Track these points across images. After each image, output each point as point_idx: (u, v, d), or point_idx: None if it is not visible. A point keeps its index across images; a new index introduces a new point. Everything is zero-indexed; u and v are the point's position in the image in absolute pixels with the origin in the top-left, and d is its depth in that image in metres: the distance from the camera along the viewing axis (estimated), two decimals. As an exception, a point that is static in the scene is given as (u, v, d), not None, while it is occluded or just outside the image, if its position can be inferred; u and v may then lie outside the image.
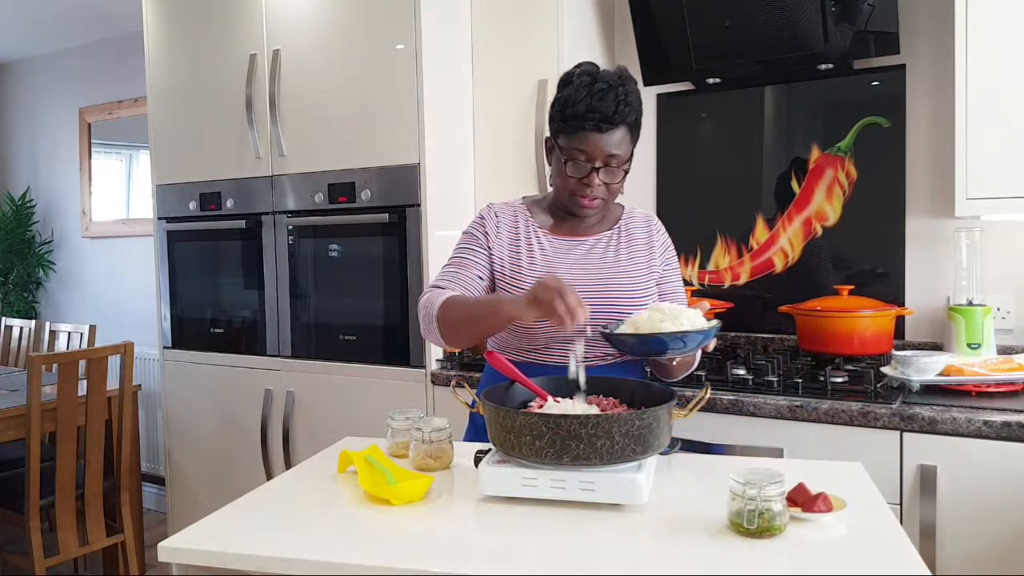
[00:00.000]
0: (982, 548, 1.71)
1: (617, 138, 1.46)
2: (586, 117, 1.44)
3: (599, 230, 1.61)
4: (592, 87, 1.45)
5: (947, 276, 2.28)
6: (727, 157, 2.59)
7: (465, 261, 1.59)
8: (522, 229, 1.60)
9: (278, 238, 2.71)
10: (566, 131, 1.48)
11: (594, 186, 1.49)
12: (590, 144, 1.46)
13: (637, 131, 1.51)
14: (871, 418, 1.78)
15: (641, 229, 1.63)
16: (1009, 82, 1.93)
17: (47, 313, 4.76)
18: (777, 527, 1.06)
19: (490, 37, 2.55)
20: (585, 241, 1.59)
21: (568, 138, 1.48)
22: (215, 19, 2.81)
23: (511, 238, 1.60)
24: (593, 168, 1.48)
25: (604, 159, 1.47)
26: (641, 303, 1.54)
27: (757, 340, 2.52)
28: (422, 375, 2.44)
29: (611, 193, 1.52)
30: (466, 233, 1.64)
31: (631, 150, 1.51)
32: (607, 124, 1.44)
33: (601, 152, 1.47)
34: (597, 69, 1.50)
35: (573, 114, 1.46)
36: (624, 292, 1.54)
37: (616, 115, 1.44)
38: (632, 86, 1.49)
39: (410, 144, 2.41)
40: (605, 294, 1.53)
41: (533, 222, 1.61)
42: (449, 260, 1.63)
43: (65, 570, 3.14)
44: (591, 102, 1.44)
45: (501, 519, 1.16)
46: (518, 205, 1.65)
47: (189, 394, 2.98)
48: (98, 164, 4.50)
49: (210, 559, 1.09)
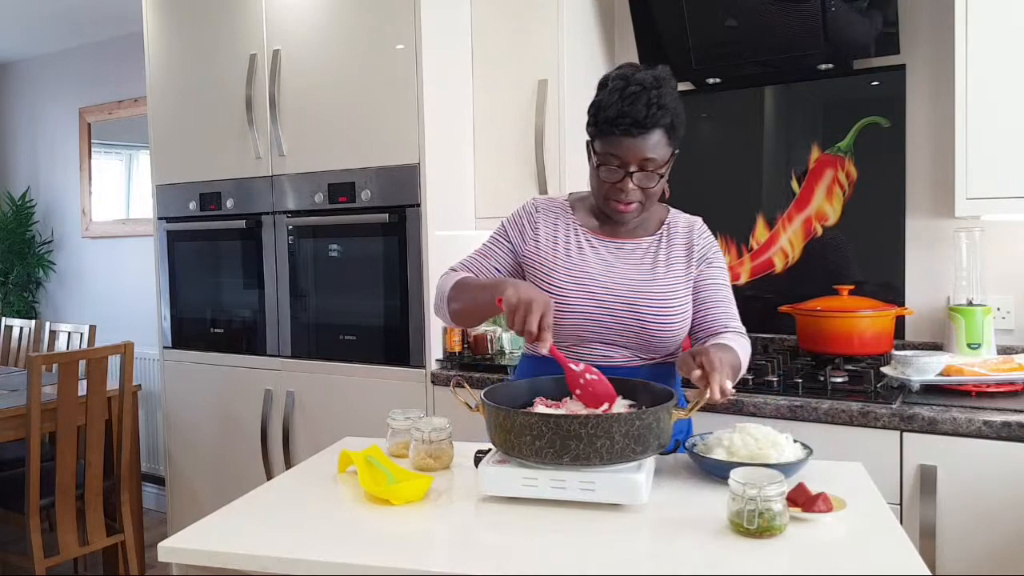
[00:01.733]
0: (982, 548, 1.71)
1: (652, 142, 1.43)
2: (617, 122, 1.42)
3: (641, 234, 1.58)
4: (624, 91, 1.42)
5: (947, 276, 2.28)
6: (727, 157, 2.59)
7: (490, 252, 1.62)
8: (562, 227, 1.59)
9: (278, 238, 2.71)
10: (599, 135, 1.47)
11: (628, 191, 1.46)
12: (623, 149, 1.44)
13: (675, 133, 1.47)
14: (871, 418, 1.78)
15: (683, 234, 1.60)
16: (1009, 82, 1.93)
17: (47, 313, 4.76)
18: (777, 527, 1.06)
19: (490, 37, 2.55)
20: (625, 245, 1.57)
21: (602, 142, 1.46)
22: (215, 19, 2.81)
23: (550, 235, 1.58)
24: (627, 173, 1.45)
25: (639, 163, 1.44)
26: (673, 315, 1.51)
27: (757, 340, 2.51)
28: (422, 375, 2.44)
29: (648, 197, 1.50)
30: (501, 225, 1.65)
31: (669, 152, 1.48)
32: (638, 128, 1.41)
33: (635, 156, 1.44)
34: (633, 71, 1.47)
35: (605, 118, 1.44)
36: (656, 303, 1.51)
37: (648, 119, 1.41)
38: (668, 88, 1.45)
39: (410, 144, 2.41)
40: (636, 302, 1.50)
41: (575, 220, 1.60)
42: (480, 247, 1.65)
43: (65, 570, 3.14)
44: (622, 106, 1.41)
45: (501, 519, 1.16)
46: (562, 203, 1.63)
47: (189, 394, 2.97)
48: (98, 164, 4.50)
49: (210, 559, 1.09)
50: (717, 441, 1.35)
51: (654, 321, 1.50)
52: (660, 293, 1.52)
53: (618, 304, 1.50)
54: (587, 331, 1.51)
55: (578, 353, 1.53)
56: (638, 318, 1.50)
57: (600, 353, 1.53)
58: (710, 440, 1.36)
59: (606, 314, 1.50)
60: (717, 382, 1.24)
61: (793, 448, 1.31)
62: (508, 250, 1.61)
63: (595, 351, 1.53)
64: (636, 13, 2.49)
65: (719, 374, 1.25)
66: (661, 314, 1.50)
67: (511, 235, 1.62)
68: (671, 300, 1.52)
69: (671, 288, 1.53)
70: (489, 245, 1.64)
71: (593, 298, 1.51)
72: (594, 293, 1.51)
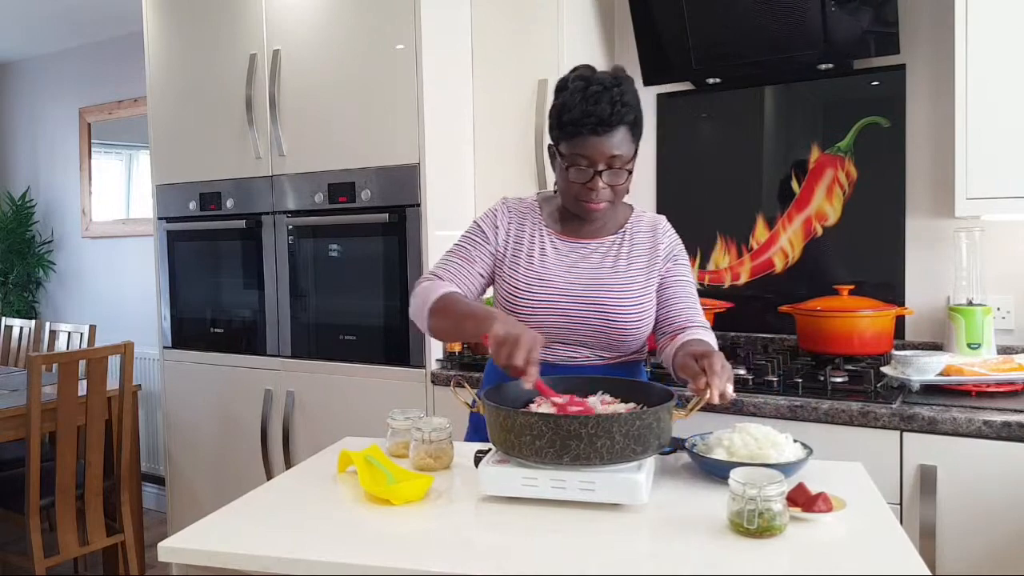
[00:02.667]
0: (982, 548, 1.71)
1: (617, 139, 1.45)
2: (583, 122, 1.43)
3: (604, 234, 1.60)
4: (586, 91, 1.43)
5: (947, 276, 2.28)
6: (727, 157, 2.59)
7: (470, 254, 1.60)
8: (529, 228, 1.61)
9: (278, 238, 2.71)
10: (565, 137, 1.48)
11: (598, 190, 1.48)
12: (590, 148, 1.45)
13: (638, 129, 1.50)
14: (871, 418, 1.78)
15: (646, 233, 1.62)
16: (1009, 82, 1.93)
17: (47, 313, 4.76)
18: (777, 527, 1.06)
19: (490, 37, 2.55)
20: (588, 245, 1.59)
21: (568, 144, 1.47)
22: (215, 19, 2.81)
23: (517, 235, 1.60)
24: (596, 172, 1.47)
25: (606, 161, 1.46)
26: (634, 312, 1.54)
27: (757, 340, 2.52)
28: (422, 375, 2.44)
29: (617, 194, 1.52)
30: (475, 224, 1.65)
31: (634, 149, 1.50)
32: (604, 127, 1.43)
33: (602, 155, 1.45)
34: (592, 72, 1.49)
35: (570, 120, 1.45)
36: (616, 301, 1.53)
37: (612, 117, 1.43)
38: (628, 85, 1.47)
39: (410, 144, 2.41)
40: (597, 301, 1.53)
41: (542, 220, 1.61)
42: (454, 248, 1.63)
43: (65, 570, 3.14)
44: (586, 107, 1.42)
45: (501, 519, 1.16)
46: (531, 203, 1.65)
47: (189, 394, 2.97)
48: (98, 164, 4.50)
49: (210, 559, 1.09)
50: (717, 441, 1.35)
51: (615, 318, 1.53)
52: (620, 292, 1.54)
53: (580, 304, 1.53)
54: (551, 332, 1.53)
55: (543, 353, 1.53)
56: (600, 316, 1.53)
57: (565, 353, 1.56)
58: (710, 440, 1.36)
59: (569, 314, 1.53)
60: (718, 387, 1.25)
61: (793, 448, 1.32)
62: (489, 253, 1.60)
63: (559, 351, 1.55)
64: (636, 13, 2.48)
65: (719, 378, 1.26)
66: (622, 311, 1.53)
67: (488, 235, 1.61)
68: (631, 297, 1.55)
69: (631, 286, 1.56)
70: (467, 247, 1.61)
71: (555, 299, 1.53)
72: (555, 294, 1.54)
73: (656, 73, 2.55)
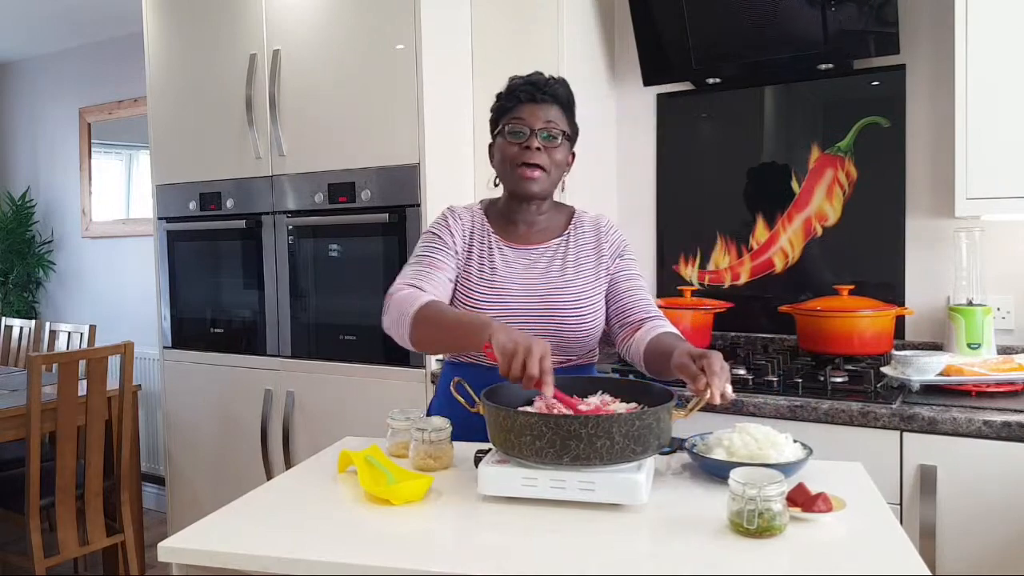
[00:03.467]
0: (982, 548, 1.71)
1: (554, 112, 1.55)
2: (522, 88, 1.56)
3: (548, 237, 1.63)
4: (527, 76, 1.59)
5: (947, 276, 2.28)
6: (727, 157, 2.59)
7: (436, 262, 1.58)
8: (477, 236, 1.63)
9: (278, 238, 2.71)
10: (504, 111, 1.58)
11: (533, 150, 1.53)
12: (526, 112, 1.55)
13: (571, 114, 1.60)
14: (871, 418, 1.78)
15: (590, 233, 1.65)
16: (1009, 82, 1.93)
17: (47, 313, 4.76)
18: (777, 527, 1.06)
19: (490, 37, 2.55)
20: (535, 250, 1.62)
21: (507, 116, 1.57)
22: (215, 19, 2.81)
23: (467, 244, 1.62)
24: (532, 131, 1.53)
25: (543, 124, 1.54)
26: (587, 313, 1.57)
27: (757, 340, 2.52)
28: (422, 375, 2.44)
29: (554, 164, 1.56)
30: (432, 232, 1.63)
31: (569, 129, 1.59)
32: (541, 94, 1.54)
33: (538, 119, 1.54)
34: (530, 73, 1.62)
35: (509, 92, 1.58)
36: (569, 304, 1.56)
37: (547, 86, 1.55)
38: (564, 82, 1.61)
39: (410, 144, 2.41)
40: (550, 306, 1.55)
41: (489, 227, 1.64)
42: (417, 257, 1.60)
43: (65, 570, 3.14)
44: (523, 81, 1.58)
45: (501, 519, 1.16)
46: (476, 210, 1.67)
47: (189, 394, 2.97)
48: (98, 164, 4.50)
49: (210, 559, 1.09)
50: (717, 441, 1.35)
51: (569, 321, 1.56)
52: (571, 294, 1.57)
53: (533, 309, 1.55)
54: None
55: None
56: (554, 321, 1.55)
57: None
58: (710, 440, 1.36)
59: (521, 318, 1.54)
60: (718, 387, 1.25)
61: (793, 448, 1.32)
62: (450, 258, 1.60)
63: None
64: (636, 13, 2.49)
65: (719, 379, 1.26)
66: (575, 314, 1.56)
67: (447, 240, 1.61)
68: (583, 299, 1.58)
69: (582, 288, 1.59)
70: (431, 256, 1.59)
71: (509, 307, 1.55)
72: (510, 302, 1.56)
73: (656, 73, 2.55)
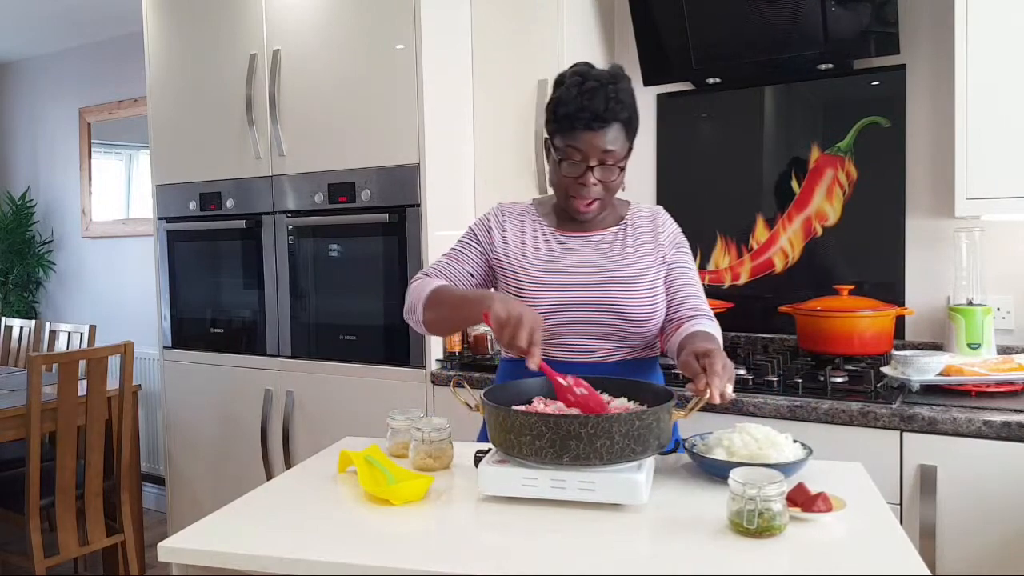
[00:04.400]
0: (982, 548, 1.71)
1: (611, 136, 1.46)
2: (577, 116, 1.44)
3: (605, 226, 1.61)
4: (582, 86, 1.45)
5: (947, 276, 2.28)
6: (727, 157, 2.59)
7: (460, 256, 1.62)
8: (528, 228, 1.61)
9: (278, 238, 2.71)
10: (560, 131, 1.49)
11: (589, 185, 1.48)
12: (583, 142, 1.46)
13: (633, 127, 1.50)
14: (871, 418, 1.78)
15: (647, 223, 1.62)
16: (1009, 82, 1.93)
17: (47, 313, 4.76)
18: (777, 527, 1.06)
19: (490, 37, 2.55)
20: (592, 237, 1.59)
21: (562, 138, 1.49)
22: (215, 19, 2.81)
23: (517, 236, 1.60)
24: (588, 167, 1.48)
25: (599, 157, 1.47)
26: (648, 297, 1.53)
27: (757, 340, 2.52)
28: (422, 375, 2.44)
29: (608, 191, 1.52)
30: (469, 229, 1.66)
31: (628, 147, 1.50)
32: (598, 122, 1.44)
33: (595, 150, 1.46)
34: (589, 68, 1.50)
35: (565, 113, 1.46)
36: (629, 288, 1.53)
37: (607, 112, 1.44)
38: (624, 84, 1.49)
39: (410, 144, 2.41)
40: (611, 289, 1.52)
41: (541, 220, 1.62)
42: (447, 252, 1.65)
43: (65, 570, 3.14)
44: (582, 101, 1.44)
45: (501, 519, 1.16)
46: (526, 206, 1.66)
47: (189, 394, 2.97)
48: (98, 164, 4.50)
49: (210, 559, 1.09)
50: (717, 441, 1.35)
51: (630, 305, 1.52)
52: (633, 277, 1.54)
53: (594, 293, 1.52)
54: (565, 326, 1.52)
55: (559, 349, 1.54)
56: (615, 304, 1.52)
57: (581, 348, 1.55)
58: (710, 440, 1.36)
59: (583, 305, 1.52)
60: (717, 387, 1.25)
61: (793, 448, 1.32)
62: (479, 252, 1.62)
63: (576, 346, 1.54)
64: (636, 13, 2.49)
65: (719, 379, 1.26)
66: (637, 297, 1.52)
67: (480, 237, 1.63)
68: (644, 283, 1.54)
69: (643, 272, 1.56)
70: (458, 249, 1.64)
71: (569, 291, 1.53)
72: (569, 285, 1.53)
73: (656, 73, 2.55)
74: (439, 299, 1.49)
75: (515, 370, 1.55)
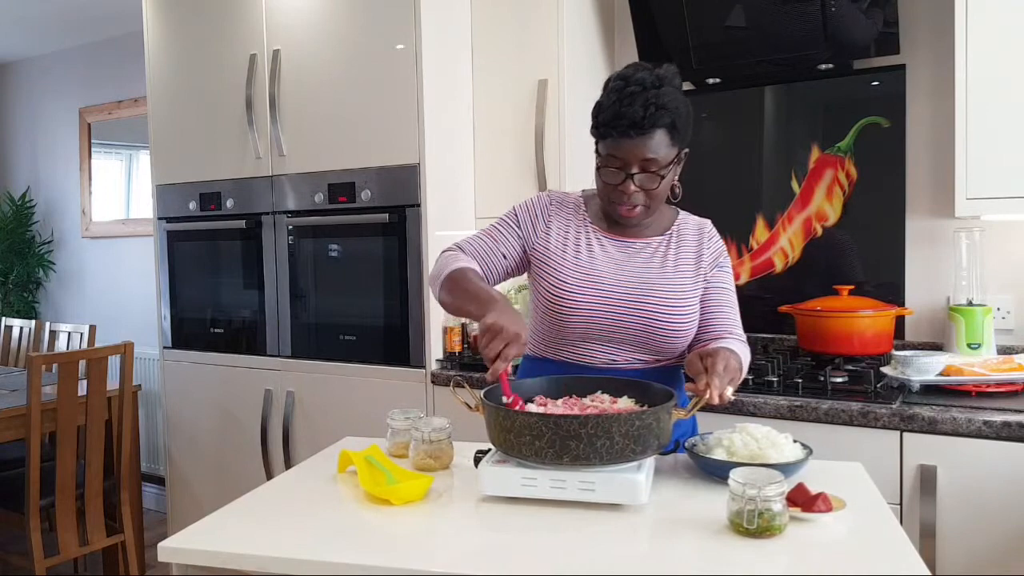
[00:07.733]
0: (982, 548, 1.71)
1: (653, 143, 1.41)
2: (614, 124, 1.41)
3: (650, 234, 1.57)
4: (623, 91, 1.41)
5: (947, 276, 2.28)
6: (727, 157, 2.59)
7: (498, 235, 1.59)
8: (573, 224, 1.58)
9: (278, 238, 2.71)
10: (600, 137, 1.46)
11: (630, 193, 1.45)
12: (622, 150, 1.42)
13: (678, 132, 1.43)
14: (871, 418, 1.78)
15: (692, 236, 1.58)
16: (1009, 82, 1.93)
17: (47, 313, 4.76)
18: (777, 527, 1.06)
19: (490, 37, 2.55)
20: (634, 244, 1.56)
21: (603, 144, 1.46)
22: (215, 19, 2.81)
23: (561, 231, 1.57)
24: (628, 175, 1.43)
25: (639, 164, 1.42)
26: (681, 314, 1.50)
27: (757, 340, 2.52)
28: (422, 375, 2.44)
29: (652, 198, 1.47)
30: (512, 210, 1.63)
31: (674, 152, 1.45)
32: (636, 130, 1.39)
33: (635, 157, 1.42)
34: (635, 71, 1.44)
35: (603, 121, 1.43)
36: (664, 301, 1.50)
37: (645, 120, 1.39)
38: (669, 87, 1.42)
39: (410, 144, 2.41)
40: (645, 301, 1.49)
41: (588, 218, 1.59)
42: (486, 228, 1.62)
43: (65, 570, 3.14)
44: (619, 108, 1.40)
45: (501, 519, 1.16)
46: (576, 199, 1.62)
47: (189, 394, 2.98)
48: (98, 164, 4.50)
49: (210, 559, 1.09)
50: (717, 441, 1.35)
51: (662, 320, 1.49)
52: (669, 292, 1.51)
53: (626, 302, 1.49)
54: (593, 330, 1.51)
55: (579, 351, 1.53)
56: (646, 316, 1.49)
57: (605, 354, 1.52)
58: (710, 440, 1.36)
59: (614, 312, 1.49)
60: (717, 388, 1.25)
61: (793, 448, 1.32)
62: (517, 236, 1.59)
63: (600, 351, 1.52)
64: (636, 13, 2.49)
65: (720, 379, 1.25)
66: (669, 313, 1.49)
67: (522, 223, 1.60)
68: (679, 299, 1.51)
69: (680, 288, 1.52)
70: (499, 229, 1.60)
71: (601, 296, 1.50)
72: (602, 291, 1.50)
73: (656, 73, 2.55)
74: (455, 284, 1.47)
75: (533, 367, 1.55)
